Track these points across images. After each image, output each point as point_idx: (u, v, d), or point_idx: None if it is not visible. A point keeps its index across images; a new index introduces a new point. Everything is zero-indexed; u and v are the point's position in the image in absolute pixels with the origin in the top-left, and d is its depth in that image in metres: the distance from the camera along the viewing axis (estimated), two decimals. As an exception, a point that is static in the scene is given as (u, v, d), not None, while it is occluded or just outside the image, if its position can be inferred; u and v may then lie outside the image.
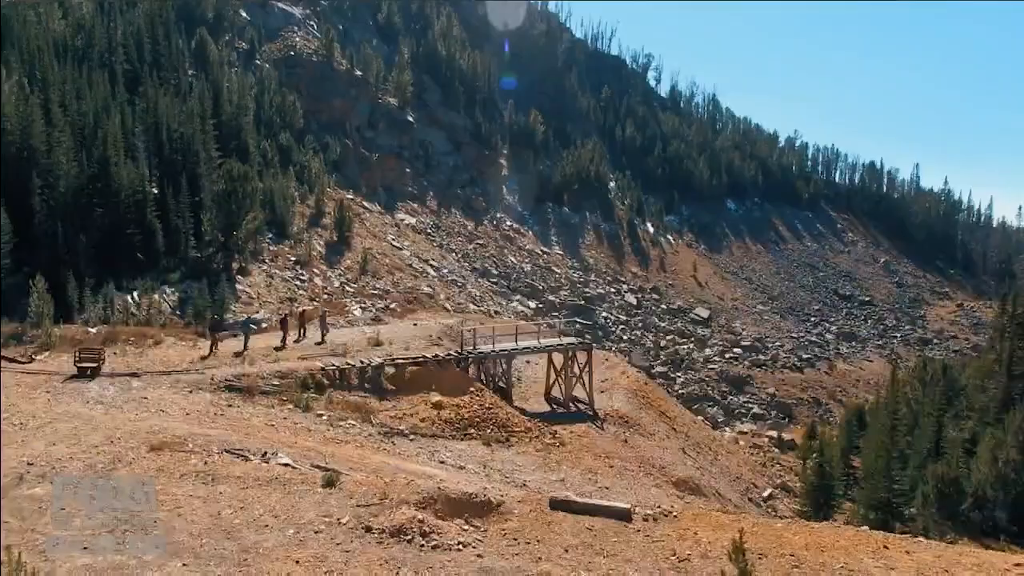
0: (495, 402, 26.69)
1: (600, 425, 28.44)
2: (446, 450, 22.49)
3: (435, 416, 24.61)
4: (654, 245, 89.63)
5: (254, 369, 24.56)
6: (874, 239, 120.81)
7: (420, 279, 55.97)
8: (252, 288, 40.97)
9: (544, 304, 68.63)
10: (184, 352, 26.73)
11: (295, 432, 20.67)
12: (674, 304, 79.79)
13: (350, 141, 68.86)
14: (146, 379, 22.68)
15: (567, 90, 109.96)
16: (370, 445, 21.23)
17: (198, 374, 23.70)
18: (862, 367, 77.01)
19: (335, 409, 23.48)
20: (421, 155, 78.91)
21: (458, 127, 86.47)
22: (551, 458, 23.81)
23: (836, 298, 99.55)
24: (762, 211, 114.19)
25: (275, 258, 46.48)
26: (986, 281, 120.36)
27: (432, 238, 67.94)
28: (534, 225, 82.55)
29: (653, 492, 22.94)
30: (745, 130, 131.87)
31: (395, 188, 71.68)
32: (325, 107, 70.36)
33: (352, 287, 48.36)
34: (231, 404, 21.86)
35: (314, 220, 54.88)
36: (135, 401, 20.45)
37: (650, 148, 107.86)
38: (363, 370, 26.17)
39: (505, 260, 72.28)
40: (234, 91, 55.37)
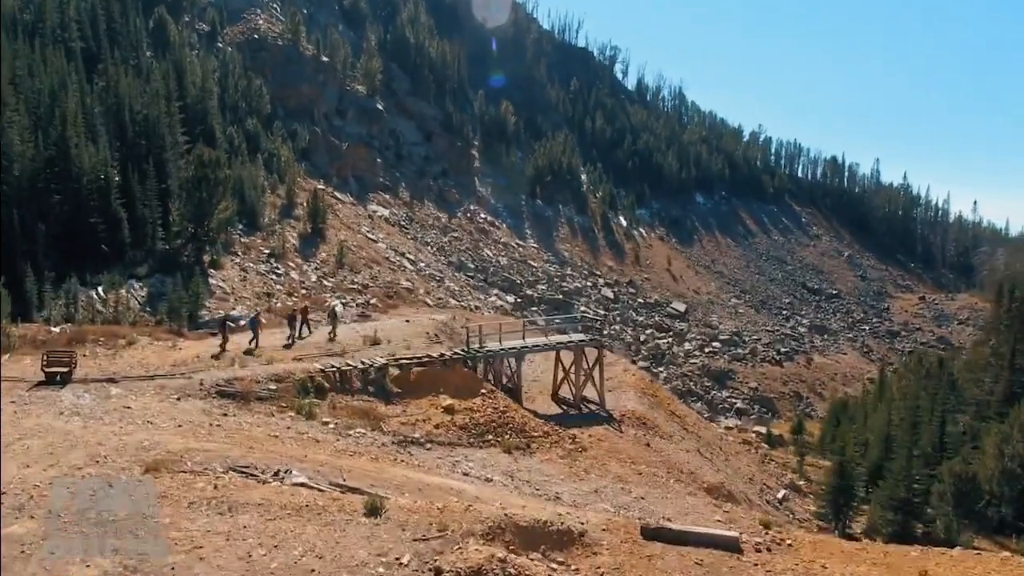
0: (508, 405, 24.65)
1: (618, 427, 26.64)
2: (467, 460, 20.37)
3: (448, 422, 22.46)
4: (628, 239, 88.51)
5: (247, 372, 22.02)
6: (837, 233, 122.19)
7: (398, 273, 53.48)
8: (226, 282, 38.09)
9: (522, 298, 66.77)
10: (163, 353, 23.99)
11: (302, 444, 18.30)
12: (650, 298, 78.75)
13: (319, 129, 65.72)
14: (126, 385, 19.98)
15: (536, 81, 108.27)
16: (386, 457, 18.99)
17: (184, 378, 21.06)
18: (838, 360, 77.12)
19: (340, 416, 21.15)
20: (391, 145, 76.20)
21: (428, 117, 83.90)
22: (577, 466, 21.90)
23: (805, 291, 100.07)
24: (729, 205, 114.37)
25: (247, 250, 43.56)
26: (945, 274, 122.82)
27: (406, 231, 65.40)
28: (508, 218, 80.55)
29: (690, 501, 21.22)
30: (711, 124, 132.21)
31: (366, 178, 68.85)
32: (292, 93, 67.08)
33: (330, 282, 45.69)
34: (226, 412, 19.34)
35: (286, 211, 51.93)
36: (117, 411, 17.81)
37: (619, 141, 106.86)
38: (365, 371, 23.85)
39: (481, 253, 70.14)
40: (197, 74, 51.92)
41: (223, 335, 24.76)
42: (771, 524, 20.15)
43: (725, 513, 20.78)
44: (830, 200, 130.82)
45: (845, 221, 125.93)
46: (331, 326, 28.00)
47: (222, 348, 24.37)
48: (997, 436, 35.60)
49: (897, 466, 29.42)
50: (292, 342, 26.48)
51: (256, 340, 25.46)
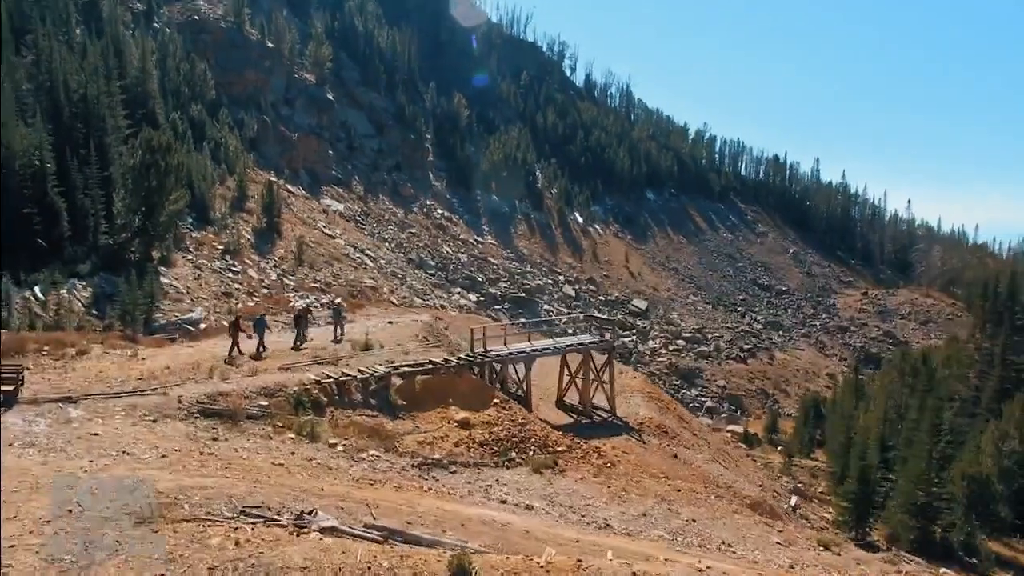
0: (526, 416, 22.07)
1: (639, 437, 24.40)
2: (498, 483, 17.70)
3: (467, 438, 19.74)
4: (585, 235, 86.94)
5: (231, 386, 18.75)
6: (781, 230, 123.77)
7: (360, 271, 50.10)
8: (179, 281, 34.19)
9: (486, 297, 64.18)
10: (124, 364, 20.43)
11: (312, 473, 15.31)
12: (611, 295, 77.31)
13: (267, 118, 61.50)
14: (88, 406, 16.50)
15: (487, 74, 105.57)
16: (410, 484, 16.16)
17: (158, 395, 17.67)
18: (797, 356, 77.31)
19: (347, 435, 18.15)
20: (343, 137, 72.44)
21: (379, 108, 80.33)
22: (613, 485, 19.51)
23: (756, 288, 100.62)
24: (679, 202, 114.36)
25: (200, 246, 39.57)
26: (883, 270, 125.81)
27: (362, 226, 61.91)
28: (464, 214, 77.74)
29: (739, 521, 19.12)
30: (658, 122, 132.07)
31: (318, 171, 64.98)
32: (236, 79, 62.65)
33: (291, 280, 42.08)
34: (215, 436, 16.12)
35: (237, 204, 47.91)
36: (82, 440, 14.43)
37: (572, 137, 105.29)
38: (365, 382, 20.87)
39: (440, 250, 67.16)
40: (134, 54, 47.31)
41: (234, 338, 21.54)
42: (829, 544, 18.17)
43: (779, 533, 18.75)
44: (773, 198, 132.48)
45: (788, 219, 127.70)
46: (335, 327, 24.98)
47: (233, 352, 21.23)
48: (995, 433, 34.95)
49: (915, 469, 28.17)
50: (300, 345, 23.35)
51: (262, 343, 22.31)
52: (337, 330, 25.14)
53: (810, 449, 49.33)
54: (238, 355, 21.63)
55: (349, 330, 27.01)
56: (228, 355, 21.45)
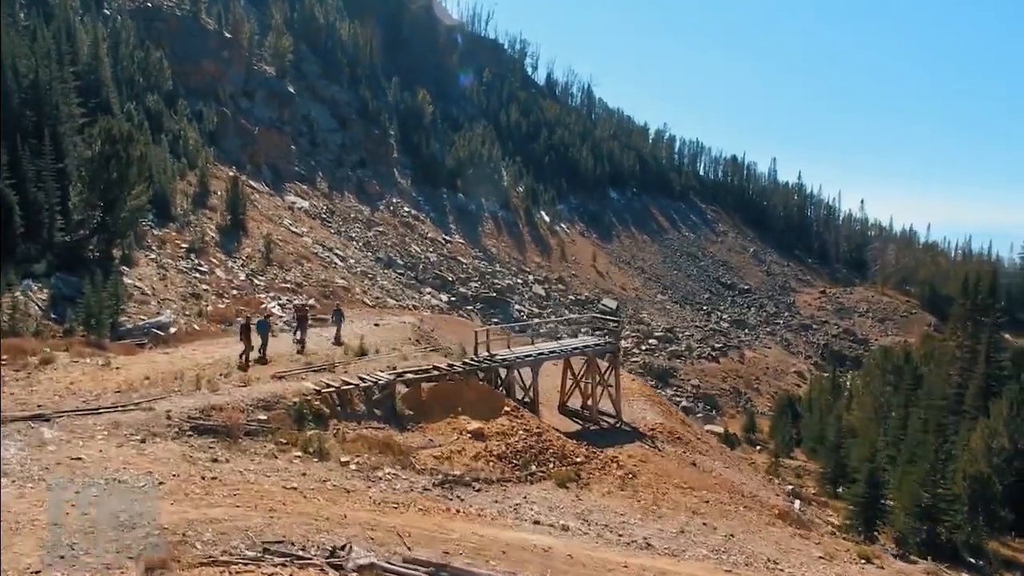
0: (539, 425, 20.61)
1: (652, 444, 23.15)
2: (526, 501, 16.19)
3: (484, 452, 18.18)
4: (552, 234, 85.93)
5: (223, 398, 16.79)
6: (740, 230, 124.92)
7: (331, 270, 47.93)
8: (143, 282, 31.70)
9: (457, 297, 62.48)
10: (97, 375, 18.23)
11: (330, 497, 13.56)
12: (581, 295, 76.41)
13: (227, 110, 58.62)
14: (64, 425, 14.39)
15: (449, 70, 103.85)
16: (437, 507, 14.54)
17: (143, 410, 15.62)
18: (765, 355, 77.58)
19: (357, 451, 16.39)
20: (305, 132, 69.80)
21: (341, 103, 77.76)
22: (643, 498, 18.20)
23: (720, 286, 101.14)
24: (641, 201, 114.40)
25: (162, 245, 37.00)
26: (839, 269, 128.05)
27: (328, 224, 59.56)
28: (430, 212, 75.82)
29: (775, 534, 18.02)
30: (619, 121, 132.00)
31: (280, 167, 62.32)
32: (193, 69, 59.61)
33: (260, 280, 39.74)
34: (215, 457, 14.21)
35: (199, 200, 45.23)
36: (63, 466, 12.41)
37: (535, 135, 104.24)
38: (369, 391, 19.11)
39: (408, 249, 65.20)
40: (85, 40, 44.23)
41: (246, 341, 19.58)
42: (869, 556, 17.18)
43: (817, 545, 17.68)
44: (732, 198, 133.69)
45: (747, 218, 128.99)
46: (336, 328, 23.16)
47: (247, 357, 19.63)
48: (984, 432, 34.84)
49: (919, 470, 27.64)
50: (303, 347, 21.88)
51: (266, 347, 20.37)
52: (338, 332, 23.32)
53: (789, 449, 48.99)
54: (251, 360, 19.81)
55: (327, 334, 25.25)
56: (240, 360, 19.60)
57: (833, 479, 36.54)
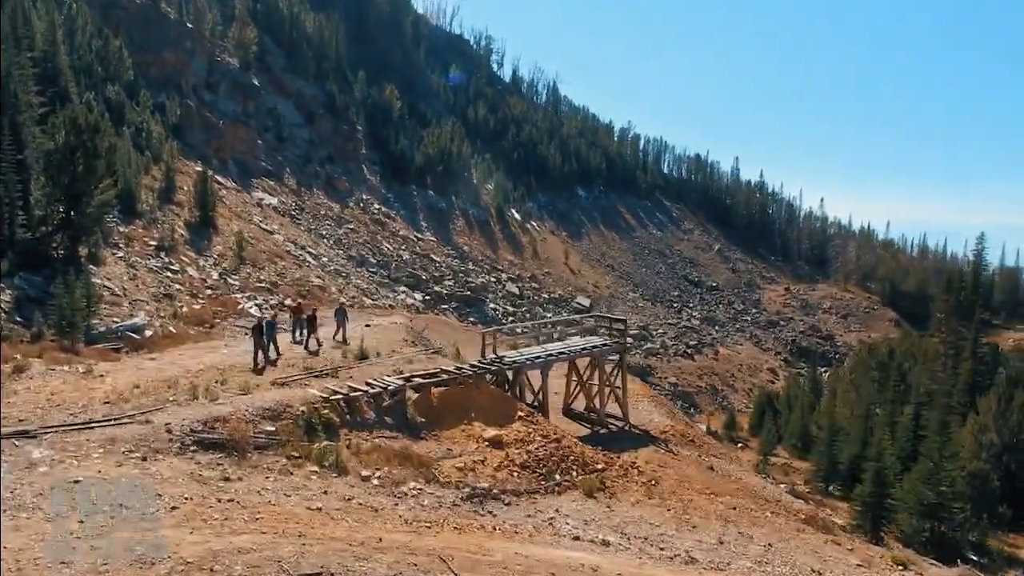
0: (556, 431, 19.53)
1: (666, 448, 22.28)
2: (560, 515, 15.11)
3: (506, 461, 17.02)
4: (524, 232, 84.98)
5: (225, 408, 15.31)
6: (705, 228, 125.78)
7: (305, 269, 46.11)
8: (113, 282, 29.69)
9: (431, 295, 61.03)
10: (79, 383, 16.56)
11: (358, 517, 12.28)
12: (554, 293, 75.65)
13: (191, 103, 56.18)
14: (52, 441, 12.81)
15: (416, 66, 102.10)
16: (471, 524, 13.36)
17: (139, 423, 14.07)
18: (737, 352, 77.80)
19: (375, 464, 15.10)
20: (272, 126, 67.54)
21: (308, 97, 75.53)
22: (671, 507, 17.27)
23: (688, 284, 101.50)
24: (608, 199, 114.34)
25: (130, 242, 34.89)
26: (801, 266, 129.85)
27: (298, 221, 57.58)
28: (401, 209, 74.20)
29: (811, 542, 17.26)
30: (584, 119, 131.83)
31: (247, 162, 60.06)
32: (155, 60, 57.01)
33: (234, 279, 37.84)
34: (227, 476, 12.79)
35: (165, 195, 43.02)
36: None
37: (503, 132, 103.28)
38: (378, 397, 17.77)
39: (380, 247, 63.54)
40: (38, 25, 41.64)
41: (259, 343, 18.16)
42: (905, 562, 16.56)
43: (850, 551, 16.99)
44: (696, 196, 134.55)
45: (711, 216, 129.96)
46: (340, 329, 21.81)
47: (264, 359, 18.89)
48: (974, 427, 34.93)
49: (924, 469, 27.37)
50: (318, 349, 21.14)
51: (276, 348, 18.98)
52: (342, 332, 21.96)
53: (772, 446, 48.84)
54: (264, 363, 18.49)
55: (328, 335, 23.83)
56: (255, 364, 18.27)
57: (825, 477, 36.30)
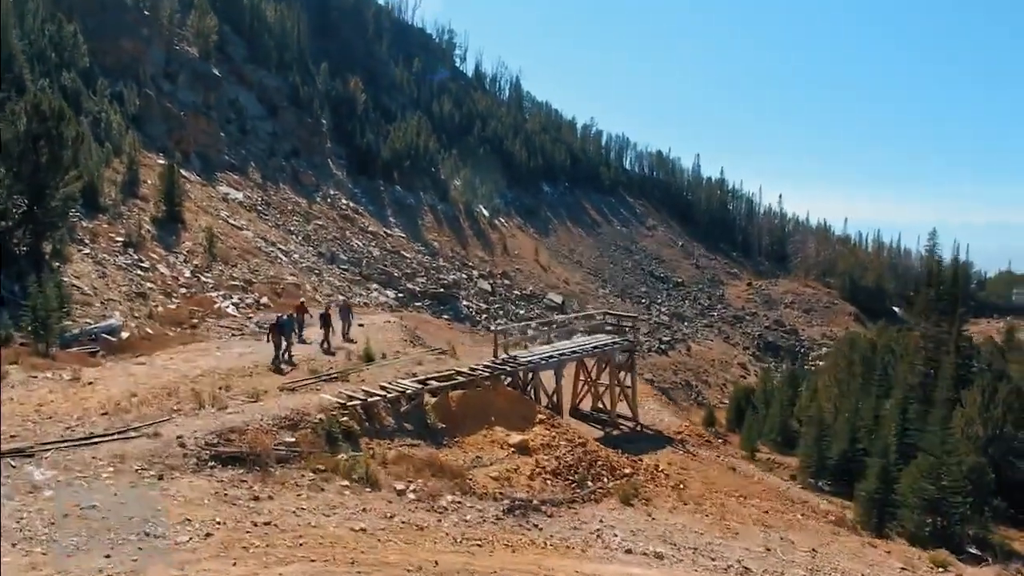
0: (579, 433, 18.62)
1: (684, 448, 21.56)
2: (604, 525, 14.19)
3: (537, 468, 16.02)
4: (492, 228, 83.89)
5: (238, 417, 13.96)
6: (668, 224, 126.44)
7: (278, 266, 44.31)
8: (82, 280, 27.71)
9: (404, 293, 59.54)
10: (68, 392, 14.97)
11: (405, 537, 11.14)
12: (526, 290, 74.77)
13: (151, 92, 53.63)
14: (53, 460, 11.31)
15: (378, 59, 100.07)
16: (520, 540, 12.33)
17: (147, 437, 12.63)
18: (709, 347, 78.12)
19: (407, 475, 13.95)
20: (234, 118, 65.10)
21: (270, 89, 73.03)
22: (708, 512, 16.55)
23: (654, 280, 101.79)
24: (573, 195, 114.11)
25: (95, 238, 32.79)
26: (762, 261, 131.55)
27: (265, 217, 55.49)
28: (368, 204, 72.42)
29: (848, 545, 16.69)
30: (548, 115, 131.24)
31: (210, 155, 57.67)
32: (111, 47, 54.29)
33: (208, 277, 35.96)
34: (256, 495, 11.47)
35: (128, 189, 40.77)
36: (72, 519, 9.49)
37: (469, 127, 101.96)
38: (395, 402, 16.57)
39: (350, 244, 61.78)
40: (-12, 7, 39.04)
41: (275, 342, 16.79)
42: (944, 563, 16.13)
43: (887, 554, 16.49)
44: (658, 192, 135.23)
45: (673, 212, 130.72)
46: (346, 327, 20.52)
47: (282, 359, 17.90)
48: (961, 420, 35.11)
49: (925, 463, 27.24)
50: (329, 348, 20.29)
51: (290, 348, 17.64)
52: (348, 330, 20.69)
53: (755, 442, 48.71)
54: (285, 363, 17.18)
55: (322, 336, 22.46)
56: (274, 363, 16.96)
57: (815, 473, 36.14)
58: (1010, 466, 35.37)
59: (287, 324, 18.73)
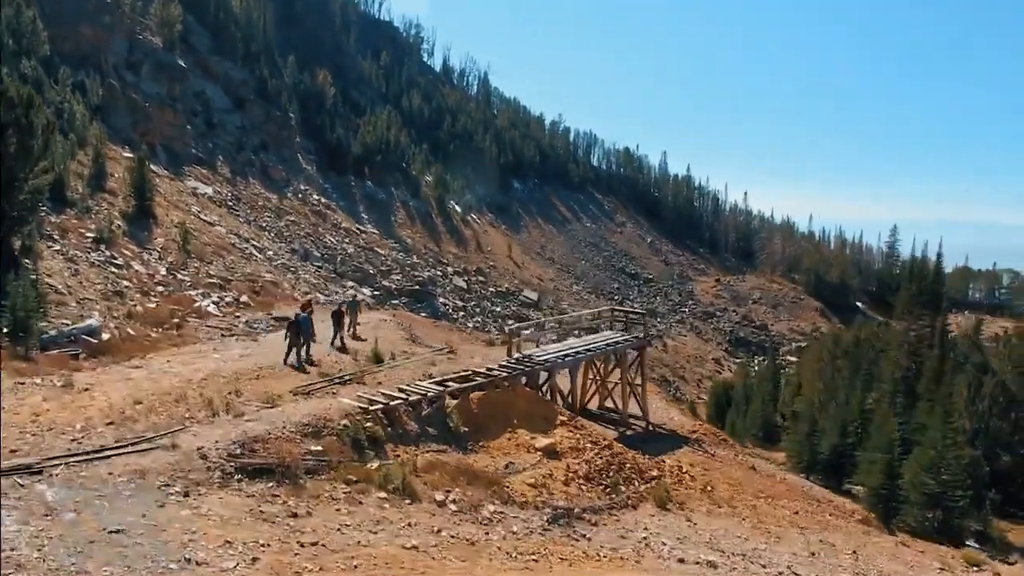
0: (602, 435, 17.88)
1: (701, 448, 20.99)
2: (649, 532, 13.49)
3: (569, 473, 15.21)
4: (465, 225, 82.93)
5: (258, 425, 12.86)
6: (636, 220, 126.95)
7: (254, 263, 42.74)
8: (54, 278, 26.04)
9: (380, 290, 58.32)
10: (62, 400, 13.67)
11: (460, 554, 10.27)
12: (501, 287, 74.03)
13: (115, 83, 51.36)
14: (65, 477, 10.12)
15: (346, 52, 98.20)
16: (572, 551, 11.55)
17: (164, 449, 11.48)
18: (684, 343, 78.29)
19: (442, 484, 13.05)
20: (200, 111, 62.84)
21: (236, 81, 70.77)
22: (745, 516, 15.94)
23: (625, 276, 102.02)
24: (542, 192, 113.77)
25: (64, 234, 30.98)
26: (728, 258, 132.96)
27: (236, 212, 53.63)
28: (340, 200, 70.84)
29: (882, 545, 16.27)
30: (515, 111, 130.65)
31: (176, 148, 55.50)
32: (70, 34, 51.80)
33: (184, 275, 34.34)
34: (294, 511, 10.43)
35: (95, 183, 38.75)
36: (99, 544, 8.39)
37: (439, 122, 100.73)
38: (416, 405, 15.62)
39: (323, 240, 60.26)
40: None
41: (293, 341, 15.69)
42: (979, 562, 15.86)
43: (920, 553, 16.15)
44: (626, 189, 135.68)
45: (641, 209, 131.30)
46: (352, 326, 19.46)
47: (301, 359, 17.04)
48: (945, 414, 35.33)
49: (926, 457, 27.25)
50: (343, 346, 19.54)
51: (309, 347, 16.57)
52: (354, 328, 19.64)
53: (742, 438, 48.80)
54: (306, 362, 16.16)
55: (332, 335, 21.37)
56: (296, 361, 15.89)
57: (806, 468, 36.14)
58: (996, 458, 35.76)
59: (305, 322, 17.64)
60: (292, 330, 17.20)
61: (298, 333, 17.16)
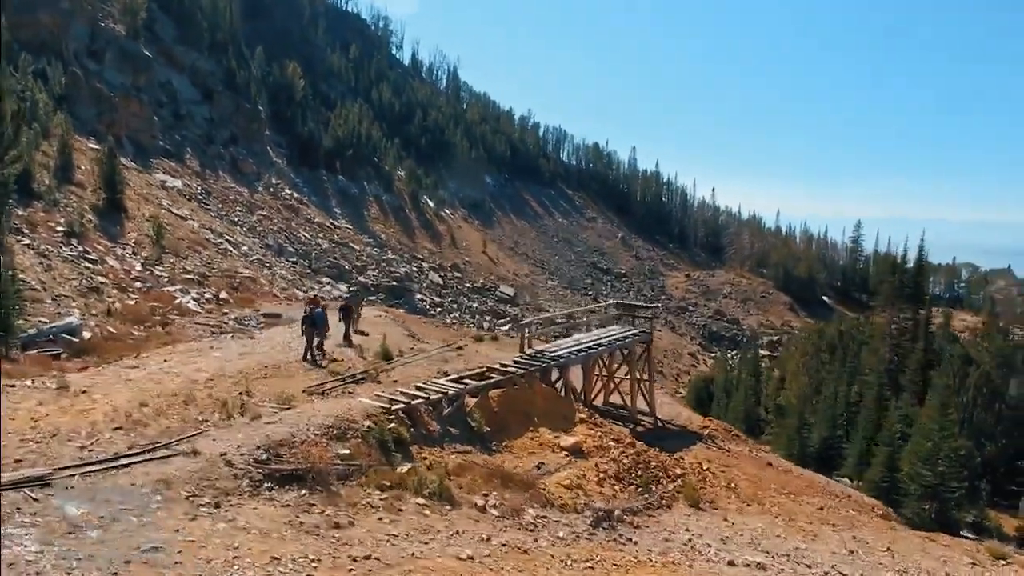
0: (624, 433, 17.29)
1: (714, 444, 20.56)
2: (692, 534, 12.91)
3: (601, 473, 14.58)
4: (439, 220, 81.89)
5: (279, 428, 11.93)
6: (606, 216, 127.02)
7: (230, 259, 41.32)
8: (27, 274, 24.55)
9: (357, 286, 56.95)
10: (61, 404, 12.57)
11: (514, 563, 9.58)
12: (477, 282, 73.25)
13: (78, 71, 49.28)
14: (81, 489, 9.12)
15: (315, 45, 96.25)
16: (622, 556, 10.93)
17: (183, 456, 10.51)
18: (660, 337, 78.28)
19: (477, 487, 12.30)
20: (167, 102, 60.80)
21: (203, 72, 68.70)
22: (776, 513, 15.48)
23: (598, 272, 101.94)
24: (513, 187, 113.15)
25: (33, 227, 29.36)
26: (698, 253, 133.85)
27: (207, 206, 51.93)
28: (312, 195, 69.30)
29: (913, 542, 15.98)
30: (485, 106, 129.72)
31: (143, 140, 53.55)
32: (28, 21, 49.63)
33: (160, 271, 32.89)
34: (336, 521, 9.51)
35: (62, 175, 37.02)
36: (140, 566, 7.48)
37: (410, 116, 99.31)
38: (436, 404, 14.82)
39: (297, 235, 58.79)
40: None
41: (308, 337, 14.81)
42: (1004, 556, 15.70)
43: (946, 547, 15.92)
44: (596, 184, 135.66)
45: (611, 205, 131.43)
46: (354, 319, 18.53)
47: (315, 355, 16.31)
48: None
49: (922, 449, 27.32)
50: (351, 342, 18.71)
51: (322, 344, 15.67)
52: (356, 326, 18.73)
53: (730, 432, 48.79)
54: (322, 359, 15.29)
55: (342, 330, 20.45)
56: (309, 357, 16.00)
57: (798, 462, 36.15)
58: (982, 448, 36.18)
59: (319, 318, 16.74)
60: (307, 326, 16.36)
61: (313, 328, 16.32)
